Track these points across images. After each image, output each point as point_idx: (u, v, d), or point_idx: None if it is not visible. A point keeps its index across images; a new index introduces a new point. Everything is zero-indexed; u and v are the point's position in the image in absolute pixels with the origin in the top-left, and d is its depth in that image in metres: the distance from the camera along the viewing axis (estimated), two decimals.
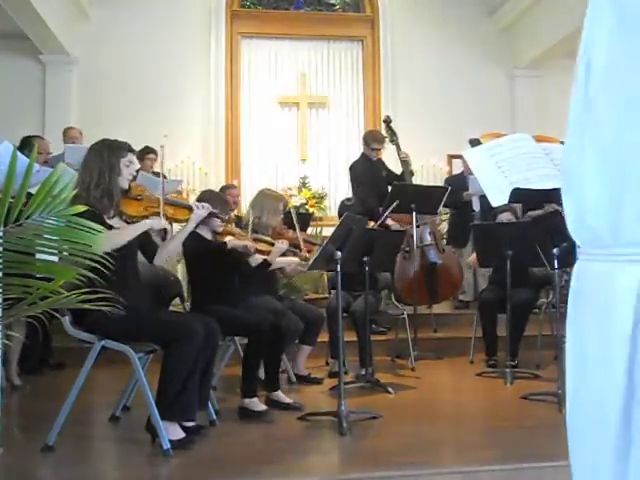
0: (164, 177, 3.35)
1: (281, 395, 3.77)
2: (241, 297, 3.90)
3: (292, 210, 4.66)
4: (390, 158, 6.44)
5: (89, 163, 3.06)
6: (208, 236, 3.77)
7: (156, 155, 6.39)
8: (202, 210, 3.29)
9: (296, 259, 4.34)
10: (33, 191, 2.23)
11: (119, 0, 8.51)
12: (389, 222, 5.58)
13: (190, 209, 3.29)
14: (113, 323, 2.80)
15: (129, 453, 3.01)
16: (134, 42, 8.47)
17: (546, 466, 2.60)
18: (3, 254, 2.18)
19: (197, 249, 3.67)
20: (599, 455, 1.00)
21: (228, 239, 3.77)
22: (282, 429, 3.36)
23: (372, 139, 6.03)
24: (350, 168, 6.21)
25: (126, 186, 3.09)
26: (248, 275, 3.98)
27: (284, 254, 4.15)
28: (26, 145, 4.83)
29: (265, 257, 3.94)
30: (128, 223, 3.12)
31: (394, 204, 4.79)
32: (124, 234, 3.00)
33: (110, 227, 2.93)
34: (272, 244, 3.98)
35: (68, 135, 6.39)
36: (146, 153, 6.24)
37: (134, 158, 3.17)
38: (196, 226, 3.38)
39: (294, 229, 4.36)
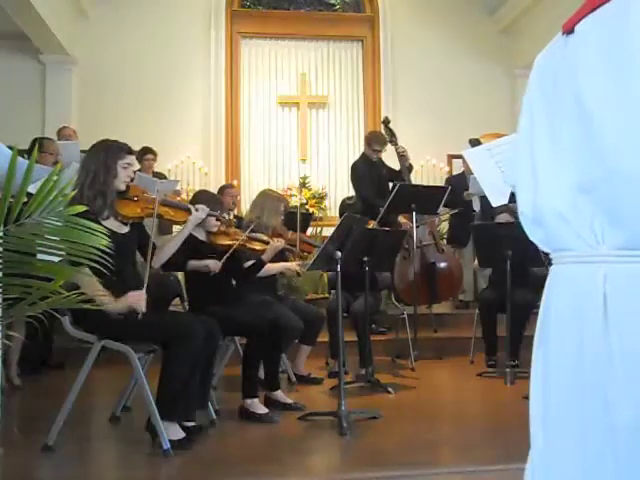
0: (164, 177, 3.36)
1: (281, 395, 3.77)
2: (239, 297, 3.89)
3: (298, 209, 4.63)
4: (389, 159, 6.43)
5: (86, 164, 3.07)
6: (202, 237, 3.75)
7: (154, 155, 6.38)
8: (200, 212, 3.31)
9: (290, 264, 4.35)
10: (32, 189, 2.23)
11: (119, 0, 8.51)
12: (401, 220, 5.61)
13: (188, 211, 3.30)
14: (113, 323, 2.80)
15: (129, 453, 3.01)
16: (134, 42, 8.47)
17: None
18: (3, 254, 2.17)
19: (191, 250, 3.65)
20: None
21: (189, 262, 3.67)
22: (282, 429, 3.36)
23: (374, 140, 6.04)
24: (352, 167, 6.21)
25: (122, 188, 3.08)
26: (246, 275, 3.98)
27: (281, 252, 4.15)
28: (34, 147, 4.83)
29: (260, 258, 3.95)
30: (124, 224, 3.12)
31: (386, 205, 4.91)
32: (95, 290, 2.77)
33: (104, 228, 2.92)
34: (267, 243, 3.97)
35: (62, 134, 6.39)
36: (144, 154, 6.23)
37: (133, 160, 3.16)
38: None
39: (295, 229, 4.35)
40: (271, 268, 4.26)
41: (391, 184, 5.76)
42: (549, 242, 1.15)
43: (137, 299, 2.86)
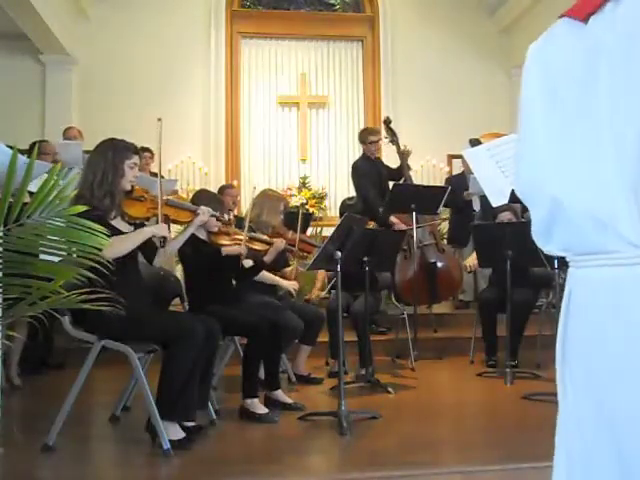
0: (161, 177, 3.36)
1: (281, 395, 3.77)
2: (239, 297, 3.89)
3: (300, 209, 4.62)
4: (389, 160, 6.44)
5: (93, 162, 3.06)
6: (202, 236, 3.75)
7: (151, 153, 6.37)
8: (204, 214, 3.31)
9: (286, 283, 4.37)
10: (33, 188, 2.23)
11: (119, 0, 8.51)
12: (393, 220, 5.60)
13: (192, 212, 3.30)
14: (113, 323, 2.80)
15: (129, 453, 3.01)
16: (134, 42, 8.47)
17: (546, 466, 2.60)
18: (3, 254, 2.17)
19: (192, 250, 3.65)
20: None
21: (223, 247, 3.75)
22: (282, 429, 3.36)
23: (367, 134, 6.07)
24: (353, 167, 6.22)
25: (128, 187, 3.09)
26: (245, 276, 3.98)
27: (282, 252, 4.15)
28: (34, 149, 4.85)
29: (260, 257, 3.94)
30: (130, 224, 3.12)
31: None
32: (127, 242, 2.97)
33: (113, 228, 2.92)
34: (269, 243, 3.97)
35: (67, 135, 6.40)
36: (141, 152, 6.22)
37: (138, 160, 3.17)
38: None
39: (295, 229, 4.35)
40: (267, 276, 4.26)
41: (391, 183, 5.77)
42: (573, 245, 1.07)
43: (161, 227, 3.08)
